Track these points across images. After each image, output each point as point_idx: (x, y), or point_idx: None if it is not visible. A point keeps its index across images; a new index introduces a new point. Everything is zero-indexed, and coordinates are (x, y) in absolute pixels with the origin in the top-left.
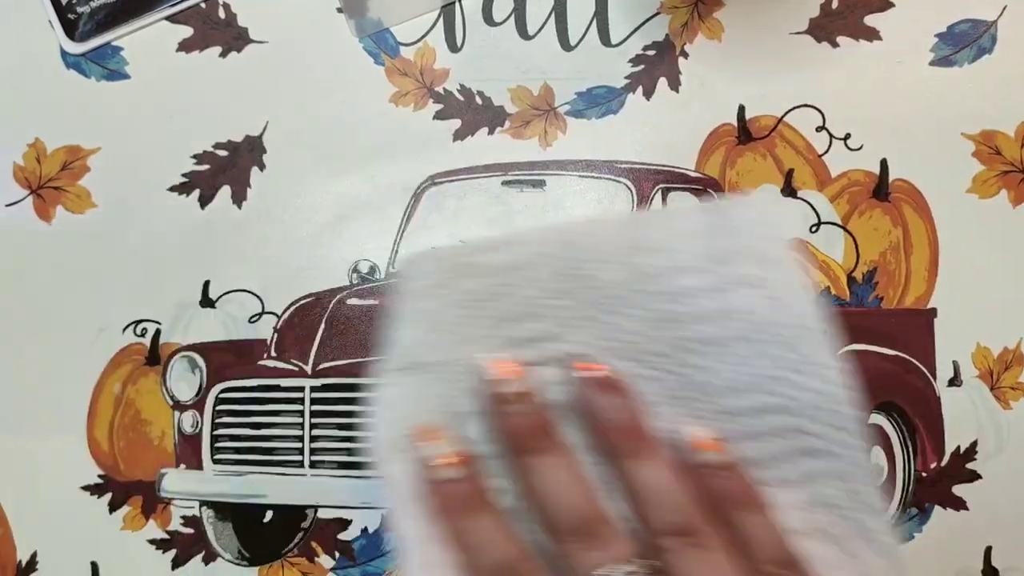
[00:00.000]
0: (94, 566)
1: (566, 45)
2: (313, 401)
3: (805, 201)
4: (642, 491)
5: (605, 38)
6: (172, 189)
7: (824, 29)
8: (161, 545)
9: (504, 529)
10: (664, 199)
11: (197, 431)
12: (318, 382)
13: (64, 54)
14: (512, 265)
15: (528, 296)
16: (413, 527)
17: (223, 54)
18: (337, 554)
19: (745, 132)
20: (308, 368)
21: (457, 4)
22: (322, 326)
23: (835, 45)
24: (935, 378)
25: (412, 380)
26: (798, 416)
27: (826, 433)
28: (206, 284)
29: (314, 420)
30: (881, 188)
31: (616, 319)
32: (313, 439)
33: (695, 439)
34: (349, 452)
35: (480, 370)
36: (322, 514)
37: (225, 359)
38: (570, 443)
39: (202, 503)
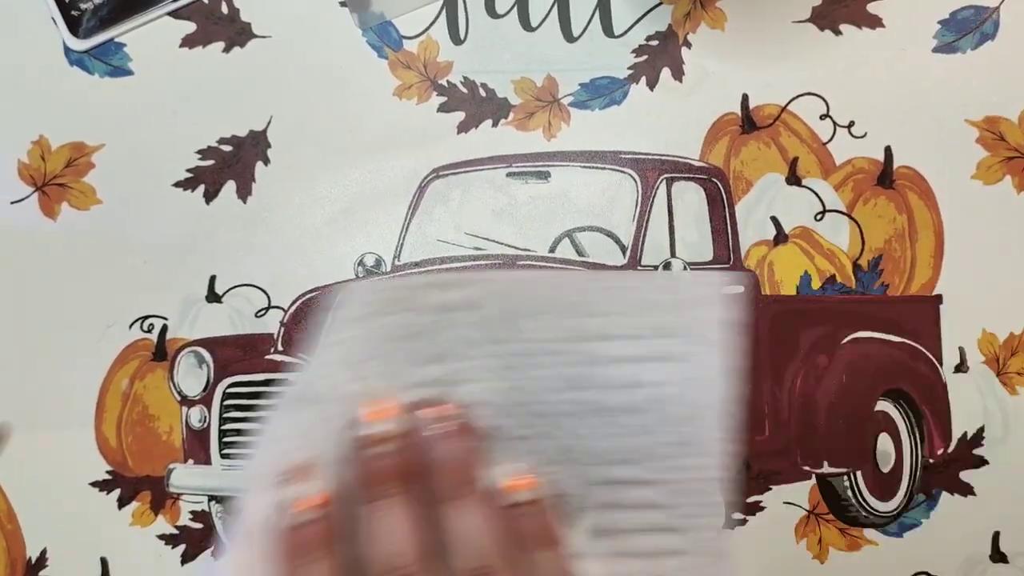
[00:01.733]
0: (104, 562)
1: (569, 36)
2: None
3: (810, 189)
4: (453, 535)
5: (608, 29)
6: (177, 185)
7: (827, 17)
8: (171, 540)
9: None
10: (669, 189)
11: (205, 426)
12: None
13: (68, 51)
14: (448, 305)
15: (452, 338)
16: (249, 561)
17: (226, 49)
18: None
19: (749, 121)
20: None
21: None
22: (328, 320)
23: (838, 33)
24: (941, 364)
25: (303, 413)
26: (660, 492)
27: (685, 513)
28: (212, 279)
29: None
30: (886, 175)
31: (530, 373)
32: None
33: (506, 482)
34: None
35: (353, 411)
36: None
37: (232, 354)
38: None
39: (211, 498)
